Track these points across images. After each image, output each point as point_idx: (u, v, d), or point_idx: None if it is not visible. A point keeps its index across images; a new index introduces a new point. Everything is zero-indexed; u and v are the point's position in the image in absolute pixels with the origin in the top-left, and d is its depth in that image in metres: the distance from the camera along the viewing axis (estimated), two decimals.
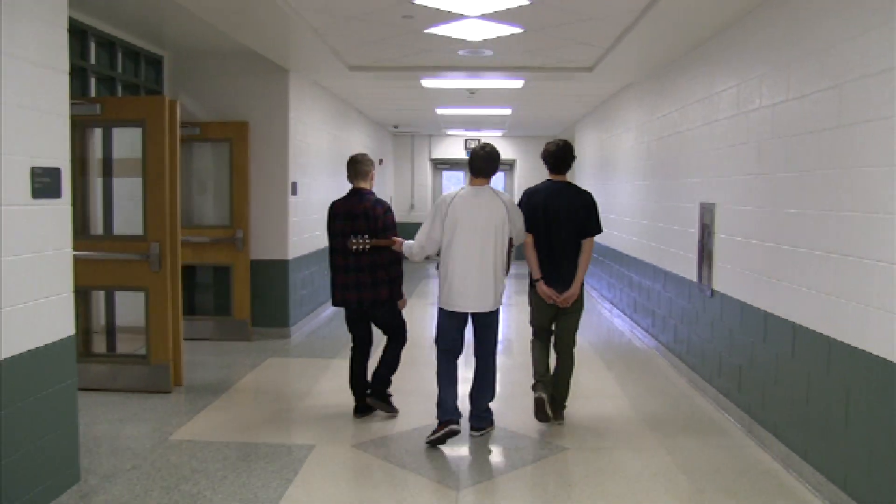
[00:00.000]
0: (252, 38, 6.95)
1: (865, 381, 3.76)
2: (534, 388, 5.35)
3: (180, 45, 7.83)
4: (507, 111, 12.74)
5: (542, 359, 5.40)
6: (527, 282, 5.50)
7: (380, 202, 5.39)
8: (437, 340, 5.14)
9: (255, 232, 8.31)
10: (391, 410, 5.59)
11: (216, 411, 5.73)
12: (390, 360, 5.57)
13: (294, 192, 8.57)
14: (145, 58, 7.74)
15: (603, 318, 10.20)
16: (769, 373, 4.91)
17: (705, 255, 6.15)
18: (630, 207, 9.41)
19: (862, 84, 3.83)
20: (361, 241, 5.17)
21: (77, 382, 4.25)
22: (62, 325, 4.05)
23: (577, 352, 5.53)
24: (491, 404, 5.29)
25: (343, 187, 11.27)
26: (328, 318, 9.67)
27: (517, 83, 9.31)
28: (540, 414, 5.24)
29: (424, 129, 16.94)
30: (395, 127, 16.06)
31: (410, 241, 5.12)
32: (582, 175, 13.81)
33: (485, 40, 6.80)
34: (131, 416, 5.52)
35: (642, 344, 8.32)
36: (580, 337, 5.58)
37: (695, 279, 6.45)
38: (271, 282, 8.42)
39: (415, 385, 6.27)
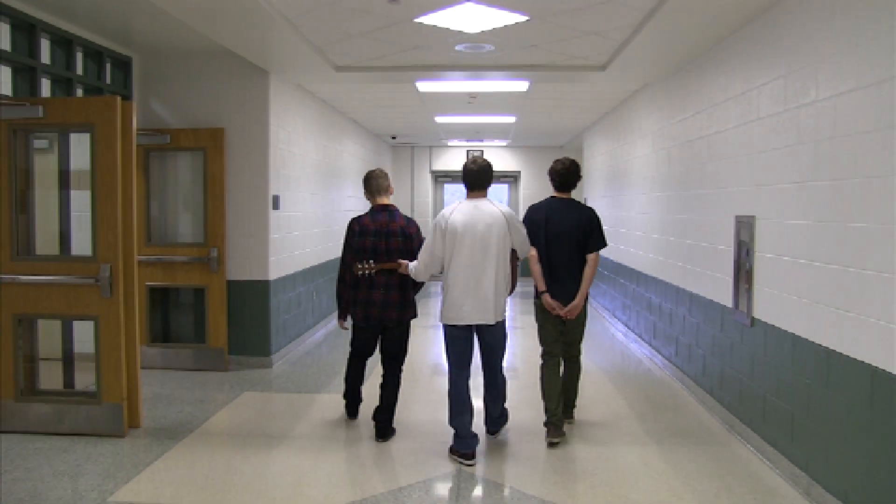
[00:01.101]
0: (224, 35, 6.18)
1: None
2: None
3: (150, 45, 7.14)
4: (512, 119, 11.94)
5: (554, 389, 5.32)
6: (532, 301, 5.59)
7: (411, 220, 5.49)
8: (447, 356, 5.08)
9: (231, 250, 7.52)
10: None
11: (171, 462, 4.90)
12: (394, 385, 5.47)
13: (276, 207, 7.77)
14: (111, 59, 7.02)
15: (616, 342, 9.30)
16: (835, 426, 4.00)
17: (742, 276, 5.28)
18: (647, 221, 8.54)
19: None
20: (367, 265, 5.19)
21: None
22: None
23: (591, 382, 5.36)
24: (496, 453, 4.71)
25: (335, 202, 10.92)
26: (315, 345, 8.82)
27: (522, 85, 8.49)
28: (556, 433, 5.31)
29: (424, 140, 16.15)
30: (394, 137, 15.30)
31: (414, 262, 5.09)
32: (592, 187, 12.98)
33: (484, 32, 5.98)
34: (72, 469, 4.71)
35: (664, 374, 7.42)
36: (593, 364, 5.17)
37: (729, 304, 5.57)
38: (250, 305, 7.61)
39: (401, 433, 5.51)
